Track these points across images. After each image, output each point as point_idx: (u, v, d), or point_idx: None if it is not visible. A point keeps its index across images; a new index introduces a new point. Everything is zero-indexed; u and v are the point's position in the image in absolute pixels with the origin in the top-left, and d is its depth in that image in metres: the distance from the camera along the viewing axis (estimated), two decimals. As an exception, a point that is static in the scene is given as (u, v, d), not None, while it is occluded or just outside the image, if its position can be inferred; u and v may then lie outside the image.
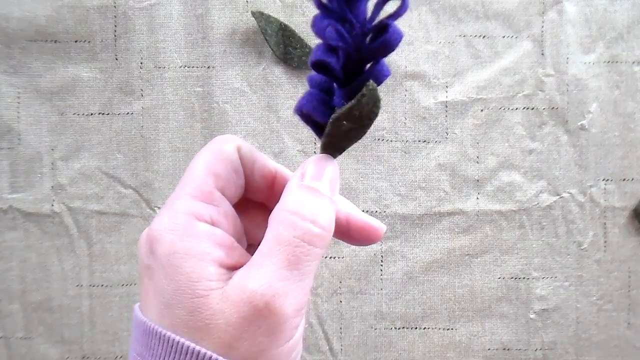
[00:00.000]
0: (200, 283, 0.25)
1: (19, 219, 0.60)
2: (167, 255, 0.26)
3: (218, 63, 0.60)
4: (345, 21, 0.26)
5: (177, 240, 0.26)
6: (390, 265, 0.61)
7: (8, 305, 0.60)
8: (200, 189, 0.27)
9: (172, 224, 0.26)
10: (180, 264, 0.25)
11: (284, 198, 0.27)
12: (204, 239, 0.26)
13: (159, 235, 0.26)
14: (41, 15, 0.59)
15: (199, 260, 0.25)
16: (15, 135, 0.60)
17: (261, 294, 0.25)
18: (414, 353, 0.60)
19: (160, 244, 0.26)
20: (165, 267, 0.26)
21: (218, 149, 0.29)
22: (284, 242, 0.26)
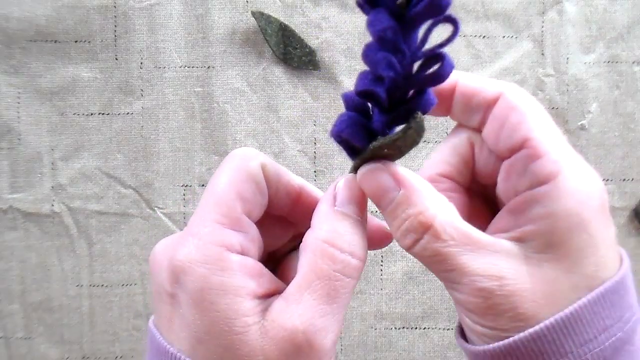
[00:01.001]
0: (238, 320, 0.24)
1: (19, 219, 0.60)
2: (199, 290, 0.25)
3: (218, 63, 0.60)
4: (398, 51, 0.25)
5: (211, 275, 0.25)
6: (390, 265, 0.61)
7: (8, 305, 0.60)
8: (229, 215, 0.26)
9: (202, 255, 0.25)
10: (215, 300, 0.24)
11: (318, 225, 0.27)
12: (238, 272, 0.25)
13: (188, 267, 0.25)
14: (41, 15, 0.59)
15: (234, 295, 0.25)
16: (15, 135, 0.60)
17: (303, 332, 0.25)
18: (414, 353, 0.60)
19: (190, 277, 0.25)
20: (197, 302, 0.24)
21: (243, 168, 0.27)
22: (323, 276, 0.25)
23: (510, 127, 0.26)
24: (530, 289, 0.24)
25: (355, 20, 0.60)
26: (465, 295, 0.25)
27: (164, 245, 0.27)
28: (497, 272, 0.25)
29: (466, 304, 0.25)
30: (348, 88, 0.60)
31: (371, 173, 0.27)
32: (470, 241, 0.25)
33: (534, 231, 0.25)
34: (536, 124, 0.26)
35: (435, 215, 0.25)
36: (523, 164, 0.26)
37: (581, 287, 0.24)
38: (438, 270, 0.26)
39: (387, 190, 0.26)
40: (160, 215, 0.60)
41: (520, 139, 0.26)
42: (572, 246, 0.24)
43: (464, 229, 0.26)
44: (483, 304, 0.25)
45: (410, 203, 0.26)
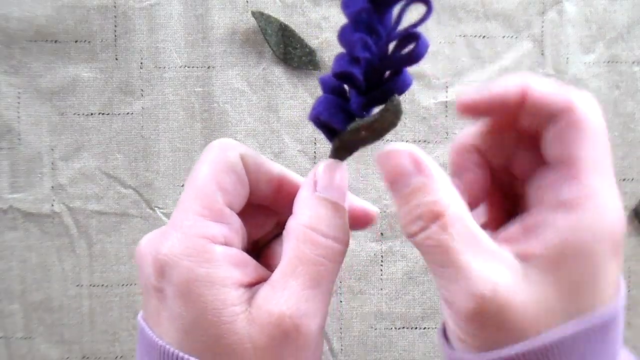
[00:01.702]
0: (225, 310, 0.25)
1: (19, 219, 0.60)
2: (185, 282, 0.25)
3: (218, 63, 0.60)
4: (373, 32, 0.25)
5: (196, 267, 0.25)
6: (390, 265, 0.61)
7: (8, 305, 0.60)
8: (210, 207, 0.26)
9: (186, 248, 0.25)
10: (201, 292, 0.25)
11: (300, 211, 0.27)
12: (223, 262, 0.25)
13: (172, 261, 0.25)
14: (41, 15, 0.59)
15: (221, 286, 0.25)
16: (15, 135, 0.60)
17: (290, 316, 0.25)
18: (414, 353, 0.60)
19: (176, 270, 0.25)
20: (184, 294, 0.25)
21: (222, 160, 0.27)
22: (307, 261, 0.26)
23: (564, 141, 0.26)
24: (522, 305, 0.24)
25: (355, 20, 0.60)
26: (455, 296, 0.25)
27: (148, 240, 0.27)
28: (494, 279, 0.24)
29: (454, 305, 0.25)
30: (348, 88, 0.60)
31: (392, 154, 0.26)
32: (475, 242, 0.25)
33: (541, 255, 0.24)
34: (589, 144, 0.25)
35: (448, 207, 0.25)
36: (559, 177, 0.25)
37: (573, 314, 0.24)
38: (435, 263, 0.25)
39: (405, 174, 0.26)
40: (160, 215, 0.60)
41: (567, 155, 0.25)
42: (575, 276, 0.24)
43: (473, 228, 0.25)
44: (472, 308, 0.24)
45: (426, 191, 0.25)
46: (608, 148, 0.26)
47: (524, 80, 0.26)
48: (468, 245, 0.25)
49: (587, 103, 0.26)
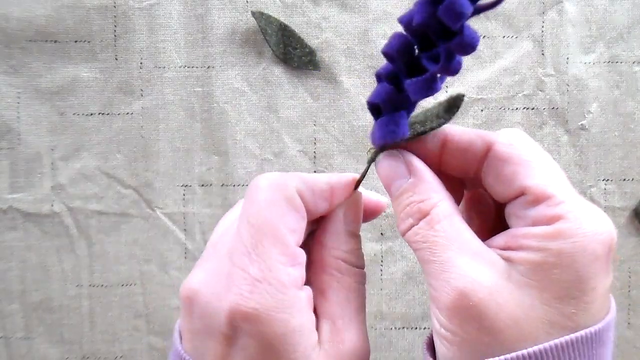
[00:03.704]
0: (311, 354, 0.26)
1: (19, 219, 0.60)
2: (279, 335, 0.25)
3: (218, 63, 0.60)
4: None
5: (291, 319, 0.26)
6: (390, 265, 0.61)
7: (8, 305, 0.60)
8: (286, 252, 0.26)
9: (278, 301, 0.26)
10: (295, 341, 0.26)
11: (334, 245, 0.29)
12: (308, 308, 0.27)
13: (264, 315, 0.25)
14: (41, 15, 0.59)
15: (309, 332, 0.27)
16: (15, 135, 0.60)
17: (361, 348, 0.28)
18: (414, 353, 0.60)
19: (267, 323, 0.25)
20: (273, 345, 0.25)
21: (283, 199, 0.27)
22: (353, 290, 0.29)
23: (504, 179, 0.27)
24: (503, 306, 0.24)
25: (355, 20, 0.60)
26: (438, 292, 0.25)
27: (208, 284, 0.27)
28: (476, 277, 0.25)
29: (438, 300, 0.25)
30: (348, 88, 0.60)
31: (387, 160, 0.28)
32: (461, 240, 0.26)
33: (524, 257, 0.25)
34: (532, 171, 0.26)
35: (435, 205, 0.26)
36: (523, 208, 0.26)
37: (555, 324, 0.24)
38: (422, 259, 0.26)
39: (398, 177, 0.28)
40: (160, 215, 0.60)
41: (518, 189, 0.26)
42: (558, 283, 0.24)
43: (459, 227, 0.26)
44: (453, 304, 0.25)
45: (415, 191, 0.27)
46: (551, 162, 0.27)
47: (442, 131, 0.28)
48: (453, 242, 0.26)
49: (507, 136, 0.27)
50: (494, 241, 0.27)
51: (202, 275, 0.27)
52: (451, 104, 0.28)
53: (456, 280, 0.25)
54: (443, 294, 0.25)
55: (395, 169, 0.28)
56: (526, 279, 0.24)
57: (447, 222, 0.26)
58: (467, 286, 0.24)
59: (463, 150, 0.28)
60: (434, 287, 0.26)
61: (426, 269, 0.26)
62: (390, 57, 0.26)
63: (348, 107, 0.60)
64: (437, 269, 0.25)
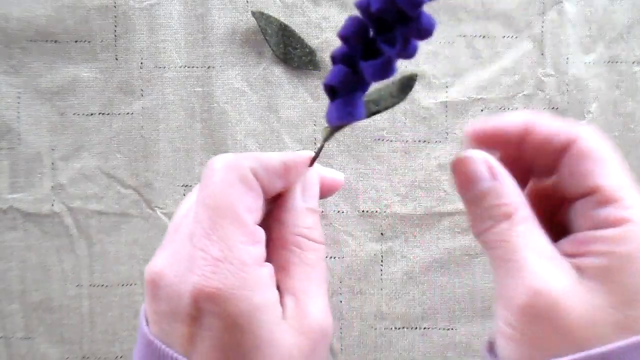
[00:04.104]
0: (277, 332, 0.27)
1: (19, 219, 0.60)
2: (244, 313, 0.26)
3: (218, 63, 0.60)
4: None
5: (253, 296, 0.26)
6: (390, 265, 0.61)
7: (8, 305, 0.60)
8: (246, 231, 0.27)
9: (240, 280, 0.26)
10: (260, 318, 0.26)
11: (293, 222, 0.29)
12: (270, 285, 0.27)
13: (228, 294, 0.26)
14: (41, 15, 0.59)
15: (272, 309, 0.27)
16: (15, 135, 0.60)
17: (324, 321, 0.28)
18: (414, 353, 0.60)
19: (231, 302, 0.26)
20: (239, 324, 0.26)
21: (239, 179, 0.28)
22: (314, 266, 0.29)
23: (580, 175, 0.28)
24: (575, 308, 0.25)
25: (355, 20, 0.59)
26: (511, 289, 0.26)
27: (171, 266, 0.27)
28: (550, 278, 0.25)
29: (509, 298, 0.26)
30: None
31: (468, 160, 0.29)
32: (537, 243, 0.27)
33: (591, 263, 0.26)
34: (607, 171, 0.27)
35: (518, 210, 0.27)
36: (592, 207, 0.27)
37: (623, 327, 0.25)
38: (498, 258, 0.27)
39: (480, 179, 0.28)
40: (160, 215, 0.60)
41: (590, 187, 0.27)
42: (626, 286, 0.25)
43: (536, 231, 0.27)
44: (525, 301, 0.25)
45: (499, 195, 0.28)
46: (623, 167, 0.28)
47: (528, 117, 0.29)
48: (531, 244, 0.27)
49: (590, 133, 0.28)
50: (559, 247, 0.28)
51: (165, 258, 0.28)
52: (404, 84, 0.29)
53: (532, 280, 0.25)
54: (517, 293, 0.26)
55: (476, 169, 0.29)
56: (594, 284, 0.25)
57: (526, 226, 0.27)
58: (542, 286, 0.25)
59: (546, 141, 0.29)
60: (507, 286, 0.26)
61: (500, 268, 0.27)
62: (346, 39, 0.26)
63: (348, 107, 0.60)
64: (513, 268, 0.26)
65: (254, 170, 0.28)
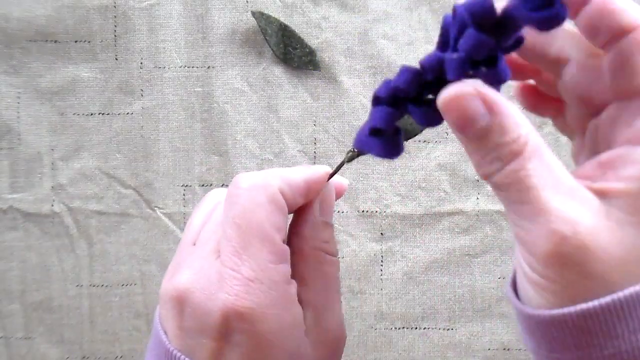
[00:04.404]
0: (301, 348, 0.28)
1: (19, 219, 0.60)
2: (275, 331, 0.27)
3: (218, 63, 0.60)
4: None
5: (284, 314, 0.27)
6: (390, 265, 0.61)
7: (8, 305, 0.60)
8: (276, 251, 0.28)
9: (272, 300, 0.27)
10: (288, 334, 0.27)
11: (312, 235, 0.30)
12: (296, 299, 0.28)
13: (259, 314, 0.26)
14: (41, 15, 0.59)
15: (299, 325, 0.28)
16: (15, 135, 0.60)
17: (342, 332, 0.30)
18: (414, 353, 0.60)
19: (263, 321, 0.26)
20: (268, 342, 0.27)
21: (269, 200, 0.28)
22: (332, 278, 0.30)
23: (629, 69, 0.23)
24: (606, 247, 0.22)
25: (355, 20, 0.60)
26: (533, 235, 0.23)
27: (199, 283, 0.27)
28: (575, 217, 0.22)
29: (532, 245, 0.23)
30: (348, 88, 0.60)
31: (459, 98, 0.23)
32: (555, 178, 0.23)
33: (622, 190, 0.22)
34: None
35: (526, 144, 0.23)
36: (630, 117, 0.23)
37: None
38: (512, 201, 0.24)
39: (476, 117, 0.23)
40: (160, 215, 0.60)
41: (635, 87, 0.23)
42: None
43: (552, 164, 0.23)
44: (551, 249, 0.22)
45: (502, 131, 0.23)
46: None
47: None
48: (548, 181, 0.23)
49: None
50: (582, 170, 0.24)
51: (190, 274, 0.28)
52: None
53: (556, 223, 0.22)
54: (540, 239, 0.22)
55: (469, 107, 0.23)
56: (627, 216, 0.22)
57: (540, 161, 0.23)
58: (568, 229, 0.22)
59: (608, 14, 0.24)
60: (527, 231, 0.23)
61: (516, 212, 0.23)
62: (401, 91, 0.25)
63: (348, 107, 0.60)
64: (531, 212, 0.23)
65: (281, 189, 0.29)
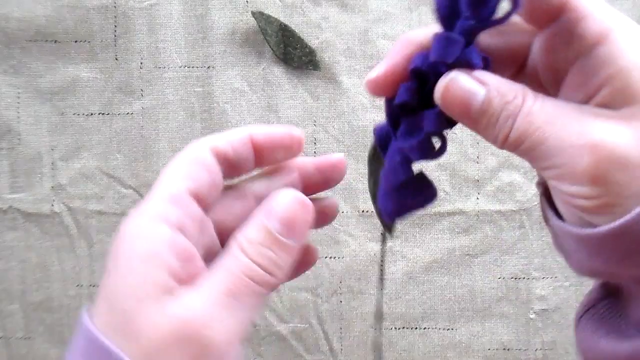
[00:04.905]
0: (148, 289, 0.25)
1: (19, 219, 0.60)
2: (127, 257, 0.26)
3: (218, 63, 0.60)
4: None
5: (139, 242, 0.26)
6: (390, 265, 0.61)
7: (8, 305, 0.60)
8: (170, 191, 0.27)
9: (136, 225, 0.26)
10: (136, 265, 0.25)
11: (251, 234, 0.27)
12: (165, 244, 0.26)
13: (122, 234, 0.26)
14: (41, 15, 0.59)
15: (153, 266, 0.25)
16: (15, 135, 0.60)
17: (192, 317, 0.25)
18: (414, 353, 0.60)
19: (124, 245, 0.26)
20: (119, 264, 0.26)
21: (190, 154, 0.29)
22: (233, 274, 0.26)
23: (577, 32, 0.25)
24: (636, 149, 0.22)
25: (355, 20, 0.60)
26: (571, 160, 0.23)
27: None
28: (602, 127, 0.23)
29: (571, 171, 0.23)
30: (348, 88, 0.60)
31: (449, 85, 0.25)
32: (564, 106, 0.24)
33: (611, 92, 0.23)
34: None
35: (527, 94, 0.24)
36: (567, 31, 0.24)
37: None
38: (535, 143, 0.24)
39: (472, 94, 0.25)
40: (160, 215, 0.60)
41: (557, 3, 0.24)
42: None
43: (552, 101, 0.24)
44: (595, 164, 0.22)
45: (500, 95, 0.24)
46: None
47: None
48: (560, 111, 0.24)
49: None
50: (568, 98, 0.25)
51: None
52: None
53: (589, 136, 0.22)
54: (578, 159, 0.23)
55: (466, 88, 0.25)
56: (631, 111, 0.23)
57: (544, 100, 0.24)
58: (604, 138, 0.22)
59: None
60: (562, 159, 0.23)
61: (542, 152, 0.24)
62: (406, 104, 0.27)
63: (348, 107, 0.60)
64: (560, 140, 0.23)
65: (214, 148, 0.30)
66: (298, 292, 0.60)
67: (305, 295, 0.60)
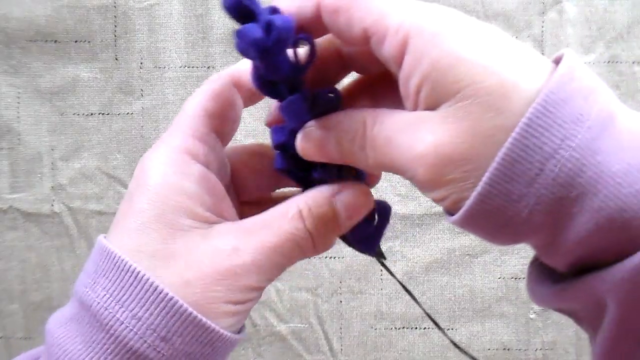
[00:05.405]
0: (184, 217, 0.25)
1: (19, 219, 0.60)
2: (157, 185, 0.26)
3: (218, 63, 0.60)
4: None
5: (171, 174, 0.26)
6: (390, 265, 0.61)
7: (8, 305, 0.60)
8: (196, 128, 0.27)
9: (167, 157, 0.26)
10: (169, 195, 0.25)
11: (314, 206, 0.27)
12: (197, 180, 0.26)
13: (152, 165, 0.26)
14: (41, 15, 0.59)
15: (188, 197, 0.25)
16: (15, 135, 0.60)
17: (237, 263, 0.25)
18: (414, 353, 0.60)
19: (152, 174, 0.26)
20: (152, 194, 0.25)
21: (212, 88, 0.28)
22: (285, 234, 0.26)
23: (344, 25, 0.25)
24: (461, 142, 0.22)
25: (355, 20, 0.60)
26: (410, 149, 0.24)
27: None
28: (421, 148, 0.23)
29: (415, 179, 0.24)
30: (348, 88, 0.60)
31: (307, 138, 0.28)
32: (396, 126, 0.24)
33: (426, 97, 0.23)
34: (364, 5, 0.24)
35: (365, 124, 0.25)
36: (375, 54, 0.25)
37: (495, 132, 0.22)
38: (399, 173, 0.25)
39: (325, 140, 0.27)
40: (160, 215, 0.60)
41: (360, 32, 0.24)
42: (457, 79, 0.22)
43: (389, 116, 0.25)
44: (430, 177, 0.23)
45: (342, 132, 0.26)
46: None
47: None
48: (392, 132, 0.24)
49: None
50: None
51: None
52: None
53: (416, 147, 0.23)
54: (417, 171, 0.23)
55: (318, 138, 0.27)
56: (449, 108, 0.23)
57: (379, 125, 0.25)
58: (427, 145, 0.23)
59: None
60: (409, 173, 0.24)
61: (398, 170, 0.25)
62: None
63: (348, 107, 0.60)
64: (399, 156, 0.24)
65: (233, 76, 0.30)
66: (298, 292, 0.61)
67: (305, 295, 0.60)
